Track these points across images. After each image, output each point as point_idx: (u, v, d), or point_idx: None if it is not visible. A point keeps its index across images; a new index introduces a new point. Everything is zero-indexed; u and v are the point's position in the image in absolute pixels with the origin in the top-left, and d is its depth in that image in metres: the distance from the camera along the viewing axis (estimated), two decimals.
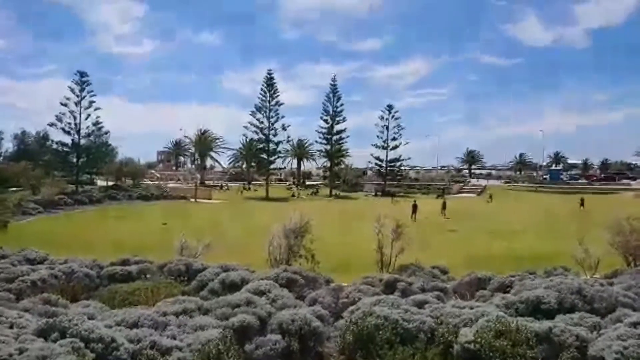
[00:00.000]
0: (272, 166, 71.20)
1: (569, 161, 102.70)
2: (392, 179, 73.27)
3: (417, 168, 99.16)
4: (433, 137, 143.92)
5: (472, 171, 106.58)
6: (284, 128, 66.90)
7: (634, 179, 77.14)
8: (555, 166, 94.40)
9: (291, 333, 6.02)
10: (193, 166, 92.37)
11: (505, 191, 63.37)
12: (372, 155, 74.23)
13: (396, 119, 72.40)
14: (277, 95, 66.43)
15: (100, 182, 58.15)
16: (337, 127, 71.86)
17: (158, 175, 78.11)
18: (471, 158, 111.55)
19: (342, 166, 77.24)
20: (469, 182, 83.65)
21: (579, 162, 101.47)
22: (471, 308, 6.78)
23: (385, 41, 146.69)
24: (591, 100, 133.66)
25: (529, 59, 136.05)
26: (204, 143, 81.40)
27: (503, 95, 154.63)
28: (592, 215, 25.98)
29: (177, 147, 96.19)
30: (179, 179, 75.79)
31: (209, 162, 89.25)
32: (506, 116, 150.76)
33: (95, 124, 51.78)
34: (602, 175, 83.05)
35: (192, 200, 51.18)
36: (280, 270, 10.26)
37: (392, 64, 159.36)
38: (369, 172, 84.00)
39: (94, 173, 58.57)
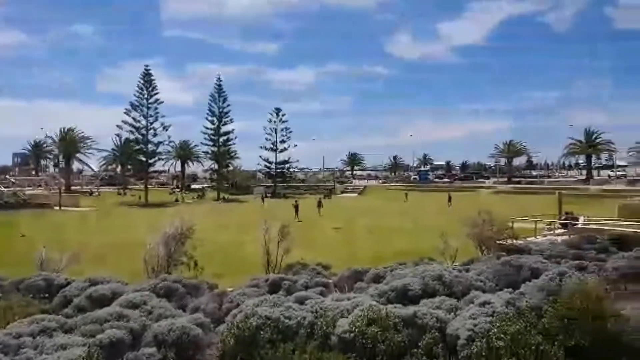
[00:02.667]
0: (151, 169, 66.73)
1: (435, 163, 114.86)
2: (282, 181, 74.02)
3: (305, 170, 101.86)
4: (319, 140, 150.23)
5: (354, 172, 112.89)
6: (164, 128, 62.92)
7: (488, 177, 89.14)
8: (424, 167, 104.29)
9: (168, 344, 5.73)
10: (57, 170, 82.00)
11: (384, 191, 68.18)
12: (261, 157, 74.33)
13: (284, 122, 73.43)
14: (156, 93, 62.46)
15: None
16: (224, 128, 70.10)
17: (14, 180, 67.99)
18: (353, 161, 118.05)
19: (231, 168, 75.65)
20: (352, 182, 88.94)
21: (443, 163, 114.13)
22: (349, 299, 7.14)
23: (275, 48, 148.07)
24: (456, 110, 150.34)
25: (403, 71, 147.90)
26: (70, 143, 71.98)
27: (382, 103, 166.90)
28: (458, 211, 28.99)
29: (37, 149, 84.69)
30: (39, 185, 66.91)
31: (76, 166, 79.83)
32: (384, 122, 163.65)
33: None
34: (462, 175, 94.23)
35: (56, 208, 45.92)
36: (159, 280, 9.69)
37: (283, 70, 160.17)
38: (259, 175, 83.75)
39: None
